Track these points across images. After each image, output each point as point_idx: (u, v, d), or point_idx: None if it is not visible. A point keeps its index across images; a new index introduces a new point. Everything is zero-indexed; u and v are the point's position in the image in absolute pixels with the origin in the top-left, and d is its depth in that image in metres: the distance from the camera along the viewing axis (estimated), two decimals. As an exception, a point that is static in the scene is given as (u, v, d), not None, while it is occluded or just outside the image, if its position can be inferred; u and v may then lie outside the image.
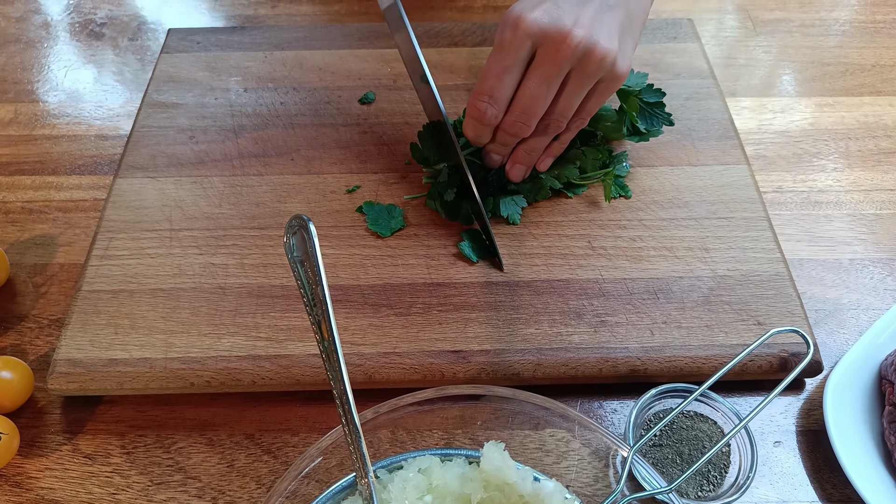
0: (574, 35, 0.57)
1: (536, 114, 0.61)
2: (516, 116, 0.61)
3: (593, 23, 0.58)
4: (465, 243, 0.64)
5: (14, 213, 0.72)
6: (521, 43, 0.58)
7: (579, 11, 0.58)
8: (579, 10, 0.58)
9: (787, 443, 0.57)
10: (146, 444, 0.57)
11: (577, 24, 0.57)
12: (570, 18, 0.57)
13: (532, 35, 0.57)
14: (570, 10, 0.58)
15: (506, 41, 0.58)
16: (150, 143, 0.74)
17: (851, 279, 0.67)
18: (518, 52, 0.58)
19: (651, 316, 0.60)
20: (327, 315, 0.44)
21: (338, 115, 0.77)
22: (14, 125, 0.81)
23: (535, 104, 0.60)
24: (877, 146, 0.78)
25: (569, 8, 0.58)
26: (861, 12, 0.95)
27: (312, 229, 0.44)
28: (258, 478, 0.55)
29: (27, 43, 0.92)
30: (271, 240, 0.66)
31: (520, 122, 0.61)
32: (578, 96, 0.61)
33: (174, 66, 0.82)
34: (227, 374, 0.57)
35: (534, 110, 0.60)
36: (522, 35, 0.57)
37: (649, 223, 0.67)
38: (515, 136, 0.63)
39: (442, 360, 0.58)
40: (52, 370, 0.58)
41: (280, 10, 0.96)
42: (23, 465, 0.56)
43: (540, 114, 0.61)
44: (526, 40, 0.58)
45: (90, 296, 0.62)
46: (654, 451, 0.55)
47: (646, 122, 0.70)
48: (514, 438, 0.56)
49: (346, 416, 0.45)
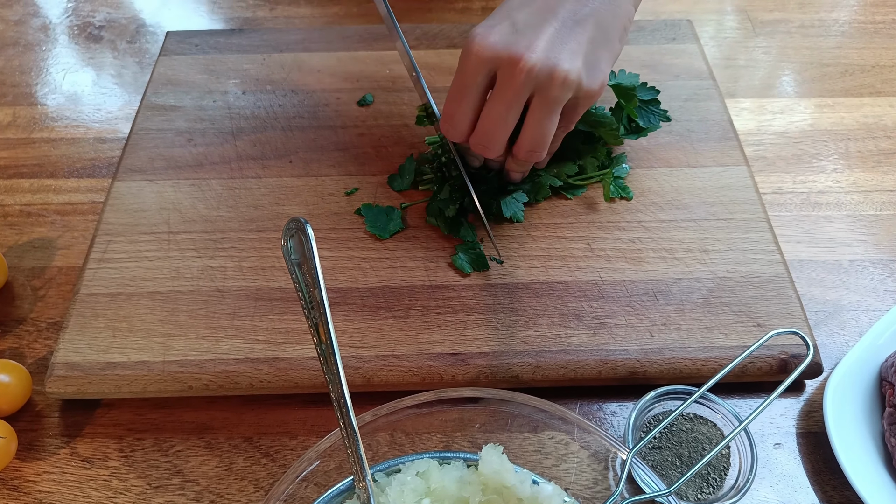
0: (527, 59, 0.55)
1: (498, 137, 0.59)
2: (479, 139, 0.60)
3: (552, 44, 0.56)
4: (458, 256, 0.64)
5: (12, 216, 0.72)
6: (476, 68, 0.57)
7: (537, 33, 0.56)
8: (537, 32, 0.56)
9: (788, 445, 0.57)
10: (144, 448, 0.57)
11: (531, 47, 0.55)
12: (525, 41, 0.56)
13: (486, 60, 0.56)
14: (527, 31, 0.56)
15: (462, 66, 0.58)
16: (149, 146, 0.74)
17: (851, 280, 0.66)
18: (475, 76, 0.58)
19: (650, 318, 0.60)
20: (325, 318, 0.44)
21: (336, 118, 0.77)
22: (12, 128, 0.81)
23: (496, 127, 0.59)
24: (877, 147, 0.78)
25: (526, 30, 0.56)
26: (860, 13, 0.95)
27: (310, 232, 0.44)
28: (256, 481, 0.55)
29: (25, 46, 0.92)
30: (269, 242, 0.66)
31: (482, 145, 0.60)
32: (549, 120, 0.58)
33: (172, 68, 0.82)
34: (225, 377, 0.57)
35: (494, 134, 0.59)
36: (476, 60, 0.57)
37: (648, 225, 0.67)
38: (483, 156, 0.62)
39: (440, 362, 0.58)
40: (49, 373, 0.57)
41: (278, 12, 0.96)
42: (20, 468, 0.56)
43: (503, 137, 0.59)
44: (480, 65, 0.57)
45: (88, 299, 0.62)
46: (654, 454, 0.54)
47: (643, 119, 0.70)
48: (512, 441, 0.55)
49: (344, 419, 0.45)
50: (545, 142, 0.60)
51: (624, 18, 0.61)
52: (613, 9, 0.59)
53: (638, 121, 0.70)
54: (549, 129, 0.59)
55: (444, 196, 0.66)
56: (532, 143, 0.60)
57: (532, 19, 0.57)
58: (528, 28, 0.57)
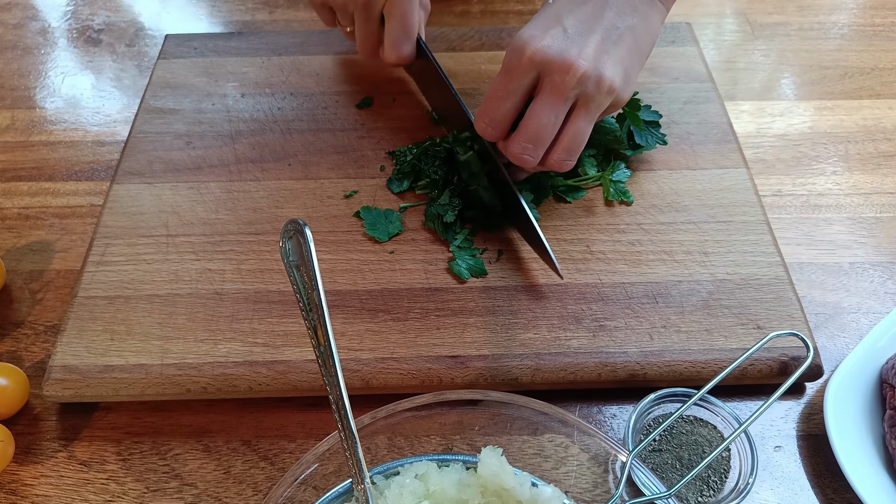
0: (579, 66, 0.56)
1: (543, 142, 0.60)
2: (523, 147, 0.60)
3: (599, 53, 0.58)
4: (455, 262, 0.64)
5: (10, 219, 0.72)
6: (526, 70, 0.58)
7: (586, 40, 0.58)
8: (586, 39, 0.58)
9: (788, 447, 0.57)
10: (142, 451, 0.57)
11: (582, 55, 0.57)
12: (576, 49, 0.57)
13: (537, 64, 0.57)
14: (577, 39, 0.58)
15: (512, 66, 0.58)
16: (147, 149, 0.74)
17: (851, 283, 0.66)
18: (522, 78, 0.58)
19: (650, 320, 0.60)
20: (323, 320, 0.44)
21: (335, 120, 0.77)
22: (11, 131, 0.81)
23: (541, 131, 0.59)
24: (876, 149, 0.78)
25: (576, 37, 0.58)
26: (859, 16, 0.95)
27: (308, 234, 0.44)
28: (255, 484, 0.55)
29: (24, 49, 0.92)
30: (268, 245, 0.66)
31: (527, 154, 0.60)
32: (587, 126, 0.60)
33: (171, 71, 0.82)
34: (223, 380, 0.57)
35: (540, 138, 0.59)
36: (527, 63, 0.57)
37: (648, 227, 0.67)
38: (523, 165, 0.62)
39: (440, 365, 0.58)
40: (47, 377, 0.57)
41: (277, 15, 0.96)
42: (18, 472, 0.56)
43: (547, 142, 0.60)
44: (531, 68, 0.58)
45: (86, 302, 0.61)
46: (654, 456, 0.54)
47: (641, 138, 0.71)
48: (512, 444, 0.55)
49: (343, 421, 0.45)
50: (580, 147, 0.61)
51: (654, 34, 0.63)
52: (647, 25, 0.62)
53: (637, 139, 0.71)
54: (586, 135, 0.60)
55: (444, 201, 0.66)
56: (568, 149, 0.61)
57: (581, 26, 0.58)
58: (578, 35, 0.58)
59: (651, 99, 0.77)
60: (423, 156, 0.70)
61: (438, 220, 0.66)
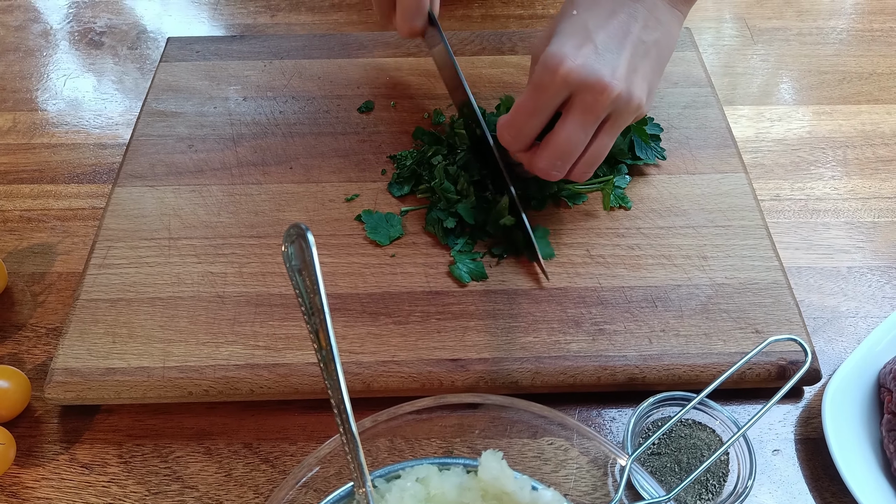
0: (613, 87, 0.56)
1: (570, 157, 0.60)
2: (551, 162, 0.60)
3: (630, 72, 0.58)
4: (456, 266, 0.64)
5: (12, 221, 0.72)
6: (558, 89, 0.58)
7: (617, 59, 0.58)
8: (617, 58, 0.58)
9: (786, 451, 0.57)
10: (144, 454, 0.57)
11: (615, 75, 0.57)
12: (608, 69, 0.57)
13: (571, 84, 0.57)
14: (608, 57, 0.58)
15: (544, 84, 0.58)
16: (149, 152, 0.74)
17: (849, 287, 0.67)
18: (555, 97, 0.58)
19: (649, 324, 0.60)
20: (325, 324, 0.44)
21: (337, 124, 0.77)
22: (13, 134, 0.81)
23: (572, 148, 0.59)
24: (874, 154, 0.78)
25: (607, 54, 0.58)
26: (858, 21, 0.95)
27: (310, 238, 0.44)
28: (256, 487, 0.55)
29: (26, 52, 0.92)
30: (270, 248, 0.66)
31: (554, 171, 0.60)
32: (612, 140, 0.61)
33: (173, 74, 0.82)
34: (225, 382, 0.57)
35: (570, 154, 0.60)
36: (561, 82, 0.57)
37: (647, 231, 0.67)
38: (549, 178, 0.62)
39: (440, 368, 0.58)
40: (49, 379, 0.57)
41: (279, 19, 0.96)
42: (19, 474, 0.56)
43: (575, 157, 0.60)
44: (565, 87, 0.57)
45: (88, 305, 0.62)
46: (653, 460, 0.54)
47: (641, 150, 0.72)
48: (512, 447, 0.55)
49: (344, 425, 0.45)
50: (601, 160, 0.62)
51: (674, 44, 0.64)
52: (669, 38, 0.63)
53: (637, 152, 0.71)
54: (608, 149, 0.61)
55: (443, 206, 0.67)
56: (591, 162, 0.61)
57: (611, 43, 0.58)
58: (609, 52, 0.58)
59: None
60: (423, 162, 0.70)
61: (439, 224, 0.66)
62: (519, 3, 0.98)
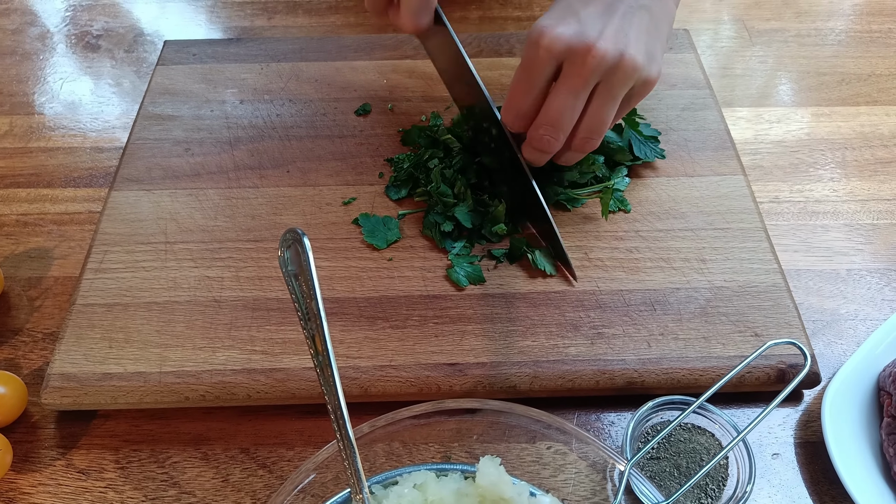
0: (599, 47, 0.56)
1: (565, 126, 0.60)
2: (544, 130, 0.60)
3: (618, 32, 0.58)
4: (453, 269, 0.64)
5: (9, 226, 0.72)
6: (545, 60, 0.58)
7: (604, 22, 0.58)
8: (603, 21, 0.58)
9: (786, 455, 0.57)
10: (140, 459, 0.57)
11: (601, 35, 0.57)
12: (594, 31, 0.57)
13: (556, 52, 0.57)
14: (593, 22, 0.58)
15: (530, 58, 0.58)
16: (146, 156, 0.74)
17: (849, 289, 0.66)
18: (544, 68, 0.58)
19: (648, 328, 0.60)
20: (321, 329, 0.44)
21: (334, 127, 0.77)
22: (9, 137, 0.81)
23: (563, 116, 0.59)
24: (873, 156, 0.78)
25: (592, 20, 0.58)
26: (856, 22, 0.95)
27: (307, 243, 0.44)
28: (253, 492, 0.55)
29: (23, 55, 0.92)
30: (267, 252, 0.66)
31: (548, 137, 0.60)
32: (610, 107, 0.60)
33: (170, 77, 0.82)
34: (222, 387, 0.57)
35: (561, 123, 0.60)
36: (545, 52, 0.57)
37: (646, 234, 0.67)
38: (544, 150, 0.62)
39: (438, 372, 0.58)
40: (45, 384, 0.57)
41: (276, 21, 0.96)
42: (16, 480, 0.56)
43: (569, 126, 0.60)
44: (550, 57, 0.57)
45: (85, 309, 0.61)
46: (652, 464, 0.54)
47: (640, 150, 0.72)
48: (510, 451, 0.55)
49: (341, 431, 0.45)
50: (604, 129, 0.61)
51: (670, 16, 0.63)
52: (662, 5, 0.62)
53: (636, 151, 0.71)
54: (609, 116, 0.60)
55: (440, 210, 0.66)
56: (591, 130, 0.61)
57: (596, 12, 0.58)
58: (593, 19, 0.58)
59: (649, 105, 0.77)
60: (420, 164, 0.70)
61: (436, 227, 0.66)
62: (516, 5, 0.97)
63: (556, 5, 0.61)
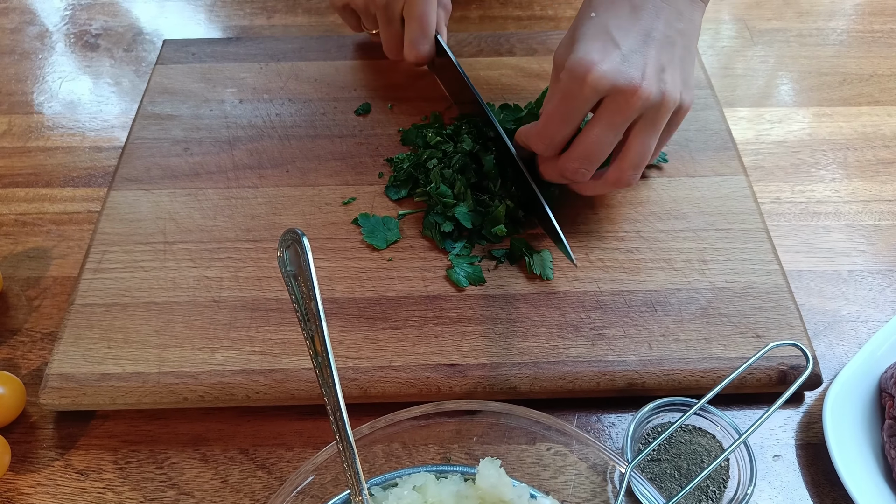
0: (644, 89, 0.56)
1: (599, 159, 0.60)
2: (579, 163, 0.60)
3: (659, 69, 0.57)
4: (453, 270, 0.64)
5: (7, 225, 0.72)
6: (588, 97, 0.57)
7: (645, 59, 0.57)
8: (645, 57, 0.57)
9: (787, 456, 0.57)
10: (139, 460, 0.56)
11: (645, 76, 0.56)
12: (638, 70, 0.56)
13: (602, 90, 0.56)
14: (635, 58, 0.57)
15: (573, 92, 0.57)
16: (145, 155, 0.74)
17: (850, 290, 0.66)
18: (585, 104, 0.58)
19: (649, 329, 0.60)
20: (321, 330, 0.44)
21: (333, 127, 0.77)
22: (8, 137, 0.81)
23: (599, 150, 0.59)
24: (875, 156, 0.78)
25: (635, 56, 0.57)
26: (858, 22, 0.95)
27: (306, 243, 0.44)
28: (252, 493, 0.55)
29: (22, 54, 0.92)
30: (266, 252, 0.65)
31: (582, 169, 0.60)
32: (653, 139, 0.60)
33: (169, 77, 0.82)
34: (220, 388, 0.57)
35: (597, 156, 0.60)
36: (591, 90, 0.57)
37: (647, 235, 0.67)
38: (575, 181, 0.62)
39: (438, 373, 0.58)
40: (44, 385, 0.57)
41: (276, 21, 0.96)
42: (14, 480, 0.55)
43: (602, 159, 0.60)
44: (594, 95, 0.57)
45: (83, 309, 0.61)
46: (653, 466, 0.54)
47: None
48: (510, 453, 0.55)
49: (340, 432, 0.44)
50: (646, 161, 0.61)
51: (699, 32, 0.63)
52: (692, 28, 0.62)
53: None
54: (650, 149, 0.60)
55: (440, 210, 0.66)
56: (636, 165, 0.60)
57: (636, 44, 0.58)
58: (635, 54, 0.57)
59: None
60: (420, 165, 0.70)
61: (436, 228, 0.66)
62: (517, 4, 0.97)
63: (589, 29, 0.59)
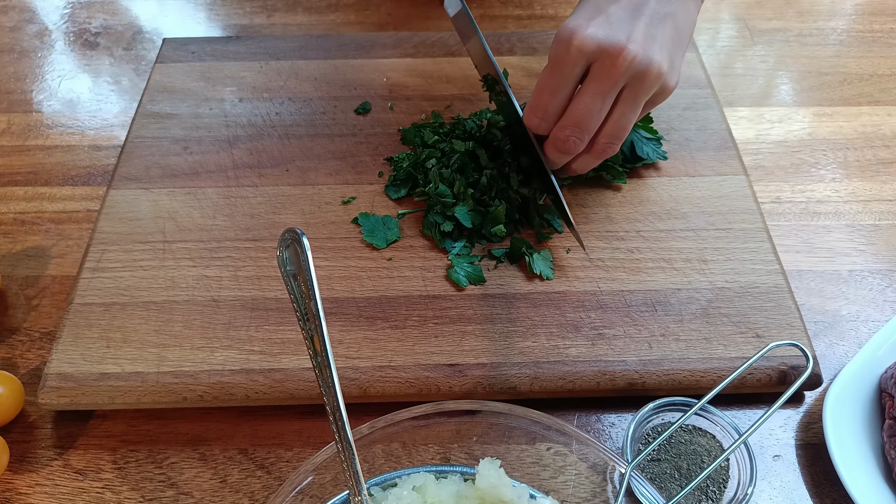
0: (629, 50, 0.56)
1: (590, 128, 0.60)
2: (570, 131, 0.60)
3: (646, 38, 0.57)
4: (454, 270, 0.63)
5: (6, 224, 0.72)
6: (575, 60, 0.57)
7: (632, 26, 0.57)
8: (632, 25, 0.57)
9: (787, 456, 0.57)
10: (138, 460, 0.56)
11: (631, 39, 0.56)
12: (623, 34, 0.57)
13: (587, 52, 0.57)
14: (623, 25, 0.57)
15: (560, 57, 0.58)
16: (144, 154, 0.73)
17: (850, 290, 0.66)
18: (573, 68, 0.58)
19: (649, 329, 0.60)
20: (320, 329, 0.43)
21: (333, 126, 0.77)
22: (7, 135, 0.80)
23: (589, 118, 0.59)
24: (875, 156, 0.78)
25: (621, 23, 0.57)
26: (858, 21, 0.95)
27: (305, 243, 0.44)
28: (251, 493, 0.54)
29: (21, 52, 0.92)
30: (266, 252, 0.65)
31: (573, 138, 0.60)
32: (633, 113, 0.60)
33: (169, 75, 0.82)
34: (220, 388, 0.57)
35: (587, 124, 0.59)
36: (576, 52, 0.57)
37: (647, 235, 0.67)
38: (567, 152, 0.61)
39: (438, 373, 0.58)
40: (43, 384, 0.57)
41: (276, 19, 0.96)
42: (13, 480, 0.55)
43: (594, 128, 0.60)
44: (580, 57, 0.57)
45: (82, 309, 0.61)
46: (653, 466, 0.54)
47: (641, 150, 0.72)
48: (510, 453, 0.55)
49: (340, 432, 0.44)
50: (625, 134, 0.61)
51: (692, 23, 0.63)
52: (685, 14, 0.62)
53: (638, 151, 0.71)
54: (631, 121, 0.60)
55: (439, 210, 0.66)
56: (613, 135, 0.61)
57: (624, 14, 0.58)
58: (623, 21, 0.58)
59: (650, 105, 0.77)
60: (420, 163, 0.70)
61: (436, 227, 0.66)
62: (517, 3, 0.97)
63: (582, 5, 0.60)
